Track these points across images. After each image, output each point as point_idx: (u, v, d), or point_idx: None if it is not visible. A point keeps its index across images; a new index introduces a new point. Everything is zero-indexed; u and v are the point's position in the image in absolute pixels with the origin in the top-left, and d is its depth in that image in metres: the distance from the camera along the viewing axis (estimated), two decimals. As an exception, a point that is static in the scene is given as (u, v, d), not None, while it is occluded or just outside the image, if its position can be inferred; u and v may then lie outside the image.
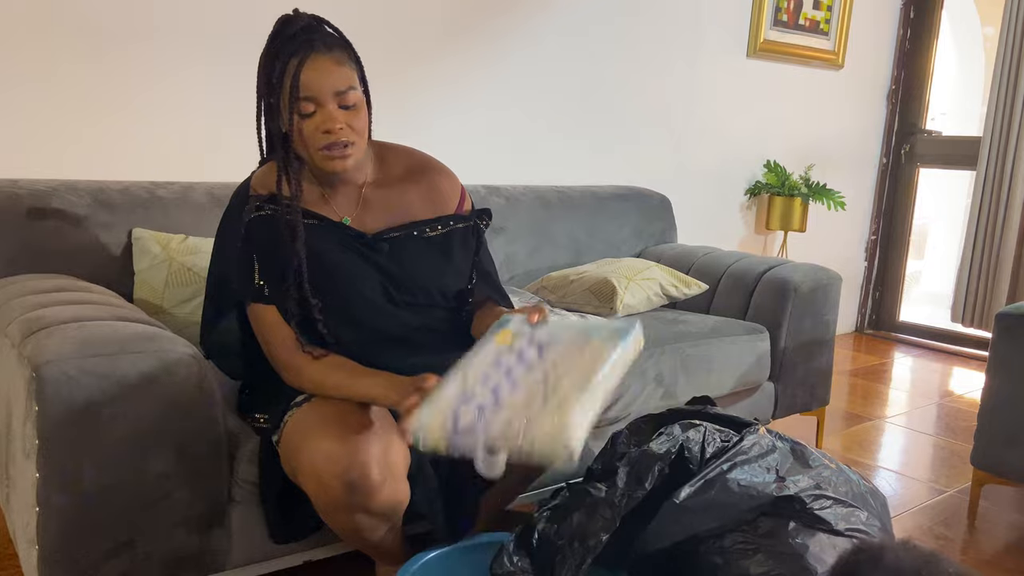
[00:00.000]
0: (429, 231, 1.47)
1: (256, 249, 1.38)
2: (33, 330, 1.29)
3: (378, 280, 1.42)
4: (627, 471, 1.37)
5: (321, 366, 1.35)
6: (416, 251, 1.45)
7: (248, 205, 1.39)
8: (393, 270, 1.43)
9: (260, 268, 1.38)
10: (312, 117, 1.31)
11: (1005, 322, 2.01)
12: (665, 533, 1.41)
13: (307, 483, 1.27)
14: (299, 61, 1.28)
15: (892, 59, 4.13)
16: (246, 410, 1.50)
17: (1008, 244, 3.63)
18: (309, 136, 1.32)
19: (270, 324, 1.38)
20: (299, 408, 1.35)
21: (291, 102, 1.29)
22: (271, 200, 1.38)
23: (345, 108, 1.32)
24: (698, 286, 2.49)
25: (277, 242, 1.36)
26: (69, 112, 2.02)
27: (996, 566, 1.91)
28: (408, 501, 1.33)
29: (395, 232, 1.44)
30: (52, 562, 1.26)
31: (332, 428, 1.26)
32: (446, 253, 1.48)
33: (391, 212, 1.46)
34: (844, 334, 4.29)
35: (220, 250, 1.45)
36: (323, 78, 1.29)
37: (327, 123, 1.30)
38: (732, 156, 3.59)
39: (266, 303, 1.38)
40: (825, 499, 1.46)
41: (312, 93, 1.29)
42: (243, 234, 1.38)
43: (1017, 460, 1.99)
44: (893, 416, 3.02)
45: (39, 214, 1.73)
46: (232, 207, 1.43)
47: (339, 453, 1.22)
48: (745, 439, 1.47)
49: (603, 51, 3.04)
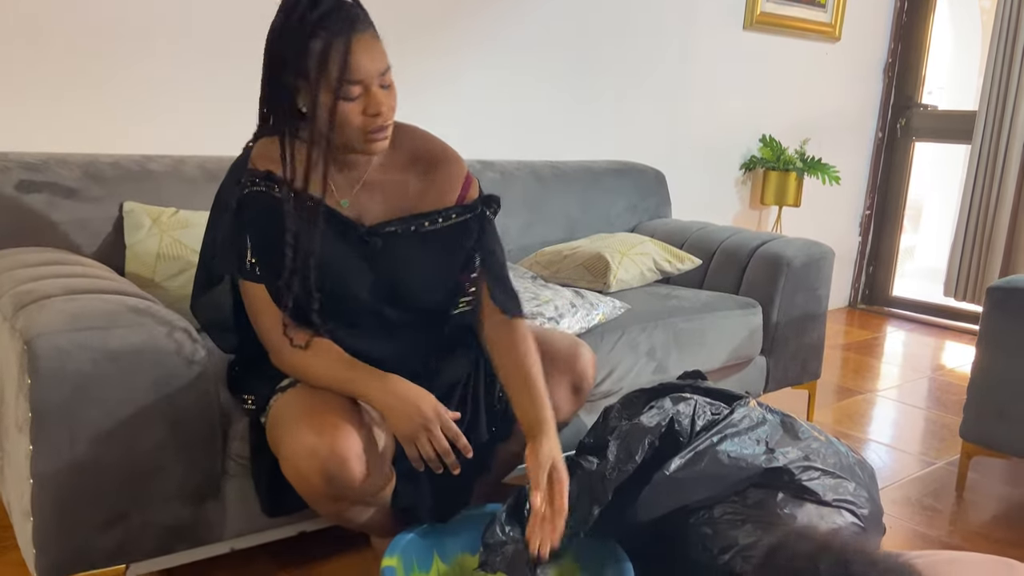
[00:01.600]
0: (428, 224, 1.40)
1: (250, 227, 1.33)
2: (24, 303, 1.29)
3: (368, 273, 1.37)
4: (618, 444, 1.38)
5: (305, 354, 1.32)
6: (410, 247, 1.39)
7: (243, 179, 1.34)
8: (383, 266, 1.37)
9: (253, 246, 1.33)
10: (356, 100, 1.24)
11: (996, 295, 2.02)
12: (656, 504, 1.42)
13: (289, 475, 1.28)
14: (345, 42, 1.19)
15: (889, 32, 4.11)
16: (235, 389, 1.48)
17: (1002, 218, 3.64)
18: (352, 119, 1.24)
19: (261, 302, 1.34)
20: (283, 393, 1.34)
21: (336, 85, 1.21)
22: (268, 178, 1.32)
23: (384, 88, 1.26)
24: (691, 261, 2.49)
25: (272, 224, 1.31)
26: (58, 85, 2.00)
27: (984, 537, 1.93)
28: (394, 482, 1.34)
29: (391, 226, 1.38)
30: (47, 534, 1.27)
31: (313, 419, 1.25)
32: (442, 249, 1.41)
33: (389, 201, 1.39)
34: (837, 309, 4.31)
35: (215, 220, 1.39)
36: (371, 60, 1.22)
37: (374, 107, 1.24)
38: (727, 130, 3.57)
39: (256, 282, 1.34)
40: (813, 470, 1.47)
41: (361, 76, 1.22)
42: (235, 209, 1.33)
43: (1005, 432, 2.01)
44: (884, 390, 3.04)
45: (29, 187, 1.72)
46: (229, 179, 1.38)
47: (318, 446, 1.22)
48: (735, 412, 1.49)
49: (598, 24, 3.01)
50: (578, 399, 1.60)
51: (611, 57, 3.08)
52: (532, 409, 1.37)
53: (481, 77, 2.76)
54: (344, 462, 1.23)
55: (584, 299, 2.07)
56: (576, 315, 1.99)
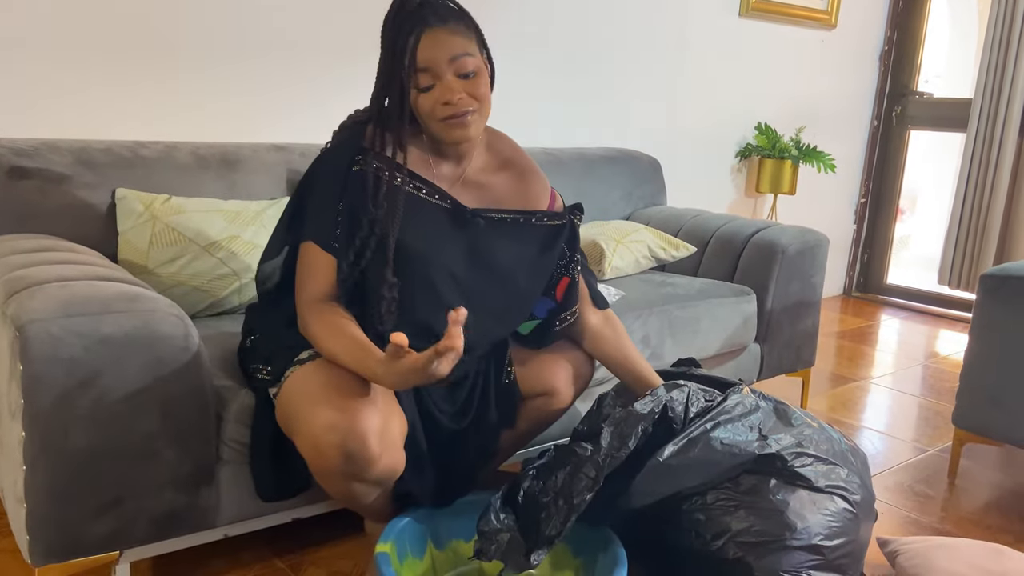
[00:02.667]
0: (522, 220, 1.48)
1: (347, 201, 1.35)
2: (16, 290, 1.28)
3: (466, 253, 1.42)
4: (611, 431, 1.38)
5: (328, 325, 1.32)
6: (509, 235, 1.46)
7: (359, 156, 1.36)
8: (483, 245, 1.43)
9: (343, 220, 1.35)
10: (431, 91, 1.32)
11: (989, 283, 2.03)
12: (649, 490, 1.43)
13: (304, 449, 1.27)
14: (416, 36, 1.30)
15: (885, 20, 4.10)
16: (247, 360, 1.47)
17: (996, 207, 3.64)
18: (429, 109, 1.33)
19: (319, 268, 1.35)
20: (302, 366, 1.33)
21: (410, 76, 1.31)
22: (380, 159, 1.36)
23: (464, 77, 1.33)
24: (686, 248, 2.49)
25: (370, 203, 1.34)
26: (49, 71, 1.99)
27: (975, 523, 1.95)
28: (403, 469, 1.35)
29: (491, 213, 1.45)
30: (41, 521, 1.27)
31: (333, 396, 1.25)
32: (539, 244, 1.49)
33: (486, 197, 1.47)
34: (832, 296, 4.32)
35: (311, 190, 1.40)
36: (437, 49, 1.31)
37: (446, 95, 1.32)
38: (723, 118, 3.57)
39: (328, 251, 1.35)
40: (806, 456, 1.48)
41: (428, 65, 1.31)
42: (342, 178, 1.35)
43: (998, 420, 2.02)
44: (878, 377, 3.05)
45: (21, 174, 1.71)
46: (334, 148, 1.40)
47: (338, 423, 1.22)
48: (729, 399, 1.49)
49: (593, 10, 3.00)
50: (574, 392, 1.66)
51: (607, 45, 3.07)
52: (647, 379, 1.58)
53: (476, 64, 2.75)
54: (364, 440, 1.23)
55: (579, 286, 2.07)
56: (570, 302, 1.99)
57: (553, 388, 1.59)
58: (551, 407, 1.61)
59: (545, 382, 1.58)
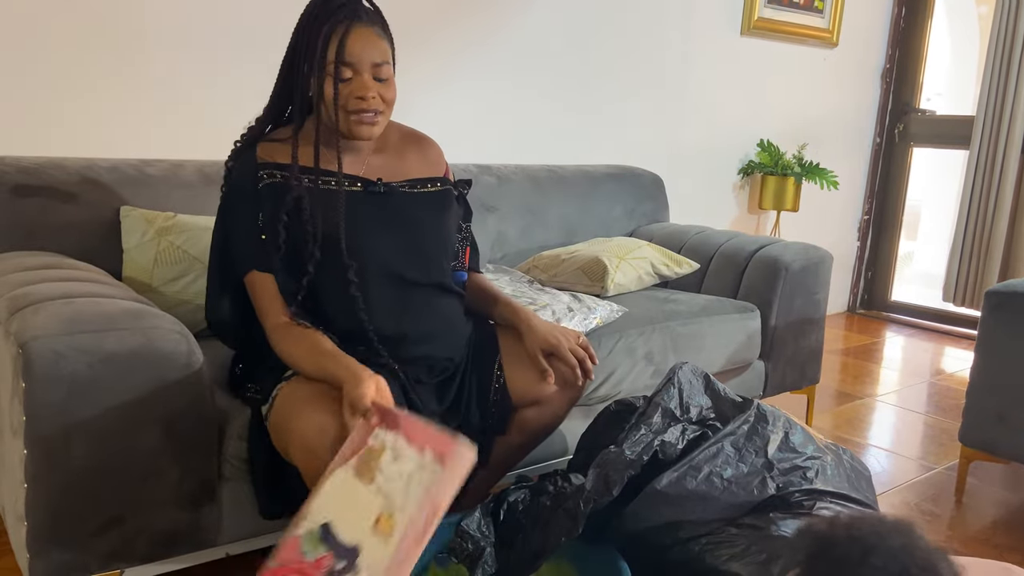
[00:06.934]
0: (430, 187, 1.55)
1: (269, 217, 1.39)
2: (20, 307, 1.28)
3: (387, 235, 1.46)
4: (596, 474, 1.36)
5: (292, 338, 1.36)
6: (418, 206, 1.52)
7: (259, 172, 1.41)
8: (398, 223, 1.48)
9: (268, 236, 1.39)
10: (348, 83, 1.37)
11: (994, 300, 2.02)
12: (645, 516, 1.42)
13: (297, 454, 1.28)
14: (345, 28, 1.35)
15: (886, 38, 4.12)
16: (238, 382, 1.51)
17: (1000, 223, 3.64)
18: (343, 100, 1.37)
19: (268, 293, 1.40)
20: (288, 382, 1.36)
21: (332, 66, 1.35)
22: (281, 168, 1.41)
23: (379, 80, 1.39)
24: (689, 265, 2.49)
25: (288, 210, 1.38)
26: (55, 89, 2.00)
27: (983, 542, 1.93)
28: None
29: (400, 185, 1.51)
30: (41, 538, 1.27)
31: (323, 401, 1.27)
32: (443, 209, 1.56)
33: (393, 172, 1.52)
34: (836, 314, 4.30)
35: (224, 219, 1.46)
36: (365, 48, 1.36)
37: (361, 90, 1.37)
38: (725, 135, 3.57)
39: (265, 271, 1.40)
40: (811, 475, 1.47)
41: (353, 60, 1.35)
42: (252, 199, 1.40)
43: (1005, 437, 2.01)
44: (883, 395, 3.03)
45: (26, 191, 1.71)
46: (235, 175, 1.43)
47: (330, 425, 1.24)
48: (728, 425, 1.48)
49: (596, 29, 3.02)
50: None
51: (609, 62, 3.08)
52: (508, 308, 1.62)
53: (479, 82, 2.76)
54: None
55: (581, 303, 2.07)
56: (573, 319, 1.99)
57: (544, 396, 1.58)
58: (543, 419, 1.62)
59: (536, 390, 1.58)
